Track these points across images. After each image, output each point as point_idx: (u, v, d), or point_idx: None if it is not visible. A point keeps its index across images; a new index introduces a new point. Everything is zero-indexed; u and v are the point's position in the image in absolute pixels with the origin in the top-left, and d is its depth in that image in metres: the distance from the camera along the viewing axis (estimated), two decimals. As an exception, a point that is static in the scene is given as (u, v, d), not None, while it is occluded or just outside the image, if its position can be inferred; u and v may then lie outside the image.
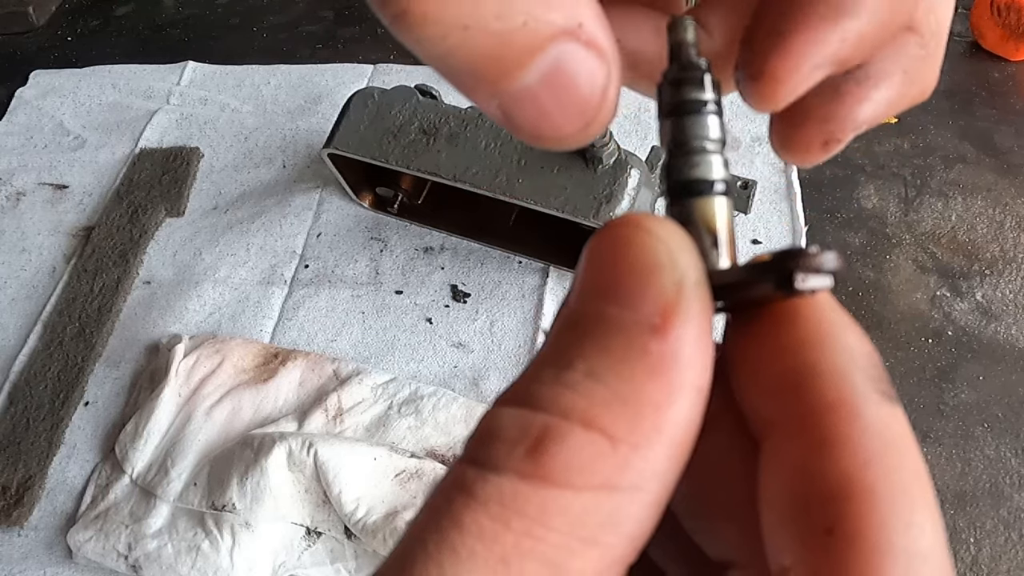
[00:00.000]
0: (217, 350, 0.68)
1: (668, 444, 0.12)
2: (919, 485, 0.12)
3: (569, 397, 0.12)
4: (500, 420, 0.12)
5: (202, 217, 0.81)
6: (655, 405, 0.12)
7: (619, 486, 0.12)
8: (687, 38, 0.16)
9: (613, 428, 0.12)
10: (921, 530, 0.12)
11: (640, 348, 0.12)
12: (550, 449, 0.12)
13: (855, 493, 0.12)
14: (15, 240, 0.81)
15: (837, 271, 0.13)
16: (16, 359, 0.71)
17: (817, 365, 0.13)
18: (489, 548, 0.11)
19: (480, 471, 0.12)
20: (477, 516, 0.11)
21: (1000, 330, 0.68)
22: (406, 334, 0.71)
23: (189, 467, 0.61)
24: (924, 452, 0.61)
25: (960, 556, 0.57)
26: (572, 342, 0.13)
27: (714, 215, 0.15)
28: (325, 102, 0.90)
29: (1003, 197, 0.77)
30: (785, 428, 0.13)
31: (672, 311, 0.13)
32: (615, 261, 0.13)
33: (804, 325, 0.14)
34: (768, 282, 0.13)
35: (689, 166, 0.15)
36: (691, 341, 0.13)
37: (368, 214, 0.80)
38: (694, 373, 0.13)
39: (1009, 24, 0.85)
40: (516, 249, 0.75)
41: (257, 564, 0.56)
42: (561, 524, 0.12)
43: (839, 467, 0.12)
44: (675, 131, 0.16)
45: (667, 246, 0.13)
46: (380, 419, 0.64)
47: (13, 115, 0.93)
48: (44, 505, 0.63)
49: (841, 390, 0.13)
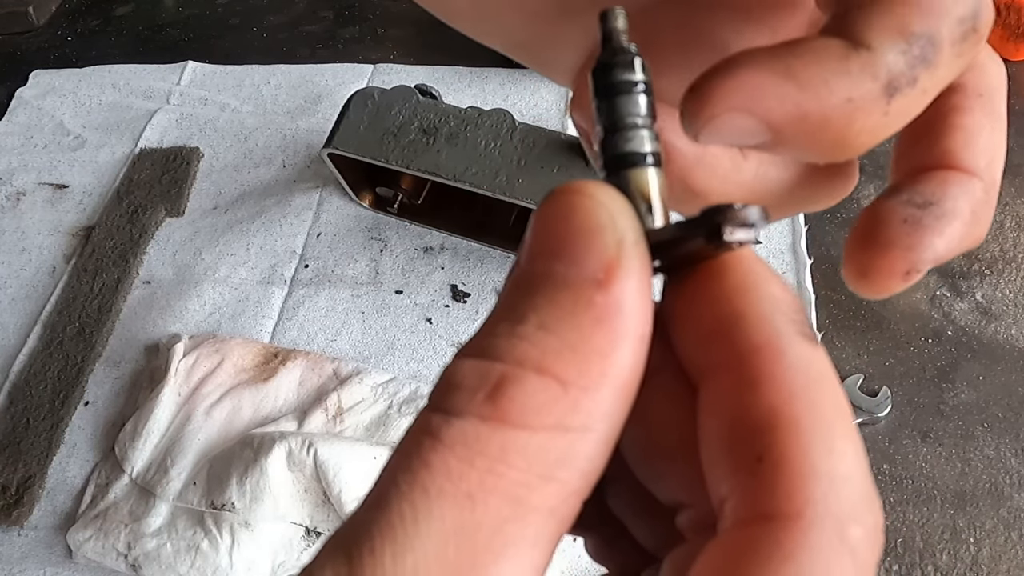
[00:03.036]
0: (217, 349, 0.68)
1: (614, 387, 0.14)
2: (839, 415, 0.13)
3: (523, 347, 0.13)
4: (461, 370, 0.14)
5: (202, 217, 0.81)
6: (601, 352, 0.13)
7: (571, 426, 0.13)
8: (618, 25, 0.17)
9: (564, 373, 0.13)
10: (842, 455, 0.13)
11: (586, 301, 0.14)
12: (508, 393, 0.13)
13: (781, 424, 0.13)
14: (15, 240, 0.81)
15: (760, 223, 0.14)
16: (16, 359, 0.71)
17: (743, 312, 0.14)
18: (456, 485, 0.12)
19: (444, 416, 0.13)
20: (444, 457, 0.13)
21: (1000, 330, 0.68)
22: (406, 334, 0.71)
23: (189, 466, 0.61)
24: (924, 452, 0.62)
25: (960, 556, 0.57)
26: (524, 298, 0.14)
27: (647, 183, 0.16)
28: (325, 102, 0.90)
29: (1003, 197, 0.77)
30: (718, 371, 0.14)
31: (614, 266, 0.14)
32: (561, 223, 0.14)
33: (731, 277, 0.15)
34: (699, 236, 0.14)
35: (623, 140, 0.17)
36: (632, 293, 0.14)
37: (368, 214, 0.80)
38: (635, 322, 0.14)
39: (1009, 24, 0.85)
40: (516, 249, 0.75)
41: (256, 564, 0.56)
42: (520, 462, 0.13)
43: (766, 402, 0.13)
44: (609, 110, 0.17)
45: (608, 209, 0.14)
46: (380, 418, 0.64)
47: (13, 115, 0.93)
48: (44, 505, 0.63)
49: (766, 333, 0.14)
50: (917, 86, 0.15)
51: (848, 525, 0.12)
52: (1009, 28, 0.85)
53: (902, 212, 0.17)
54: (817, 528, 0.12)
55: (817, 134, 0.15)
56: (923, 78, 0.15)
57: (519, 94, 0.88)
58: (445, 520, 0.12)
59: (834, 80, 0.15)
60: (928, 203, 0.17)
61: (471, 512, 0.12)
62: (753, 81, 0.15)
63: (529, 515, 0.13)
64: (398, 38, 0.98)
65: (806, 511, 0.12)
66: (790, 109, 0.15)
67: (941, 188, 0.17)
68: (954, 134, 0.17)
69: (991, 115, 0.18)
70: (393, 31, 0.99)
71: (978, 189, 0.17)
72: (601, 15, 0.17)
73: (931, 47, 0.15)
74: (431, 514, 0.12)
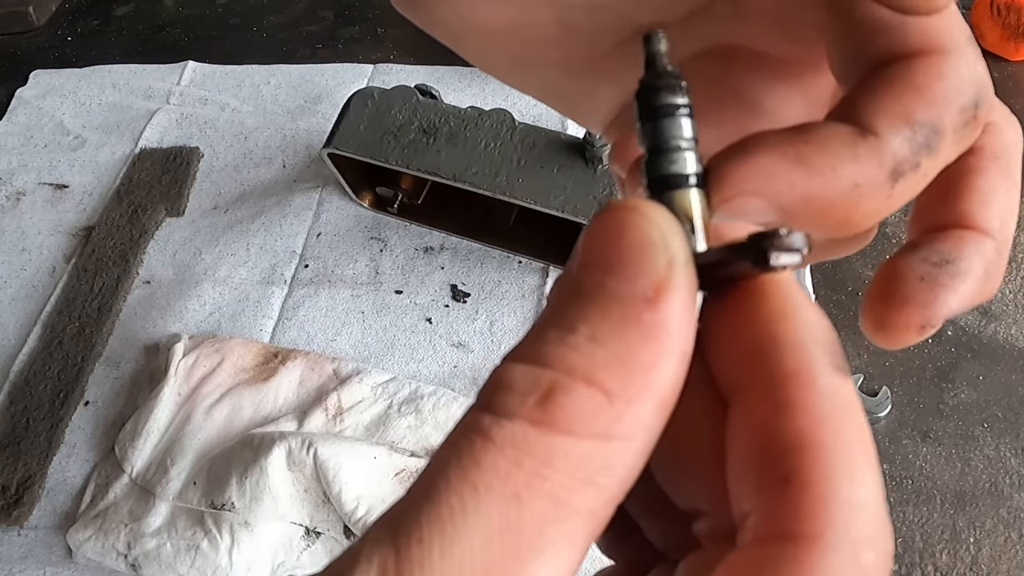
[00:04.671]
0: (217, 349, 0.68)
1: (655, 400, 0.14)
2: (862, 445, 0.14)
3: (573, 357, 0.14)
4: (512, 374, 0.14)
5: (202, 217, 0.81)
6: (646, 366, 0.14)
7: (614, 435, 0.14)
8: (661, 48, 0.18)
9: (610, 385, 0.14)
10: (863, 483, 0.14)
11: (635, 316, 0.14)
12: (557, 400, 0.14)
13: (808, 449, 0.14)
14: (15, 240, 0.81)
15: (804, 249, 0.15)
16: (16, 359, 0.71)
17: (780, 337, 0.15)
18: (504, 484, 0.13)
19: (495, 417, 0.14)
20: (494, 456, 0.13)
21: (1000, 330, 0.68)
22: (406, 334, 0.71)
23: (188, 466, 0.61)
24: (924, 452, 0.62)
25: (960, 556, 0.57)
26: (575, 307, 0.15)
27: (690, 204, 0.17)
28: (325, 102, 0.90)
29: (1003, 197, 0.77)
30: (751, 391, 0.15)
31: (663, 285, 0.14)
32: (615, 238, 0.15)
33: (770, 302, 0.16)
34: (745, 260, 0.15)
35: (667, 162, 0.17)
36: (678, 312, 0.14)
37: (368, 214, 0.80)
38: (679, 340, 0.15)
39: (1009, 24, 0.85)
40: (516, 249, 0.75)
41: (256, 563, 0.56)
42: (565, 466, 0.13)
43: (795, 426, 0.14)
44: (652, 132, 0.17)
45: (660, 228, 0.15)
46: (380, 418, 0.64)
47: (13, 115, 0.93)
48: (44, 504, 0.63)
49: (800, 360, 0.15)
50: (920, 171, 0.17)
51: (863, 550, 0.13)
52: (1009, 28, 0.85)
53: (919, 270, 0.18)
54: (834, 551, 0.13)
55: (824, 216, 0.17)
56: (925, 163, 0.17)
57: (519, 94, 0.88)
58: (492, 516, 0.13)
59: (842, 166, 0.16)
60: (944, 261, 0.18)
61: (517, 511, 0.13)
62: (766, 166, 0.16)
63: (570, 517, 0.13)
64: (398, 38, 0.98)
65: (826, 534, 0.13)
66: (799, 194, 0.16)
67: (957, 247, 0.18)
68: (970, 195, 0.18)
69: (1006, 176, 0.19)
70: (393, 31, 0.99)
71: (991, 249, 0.18)
72: (645, 38, 0.18)
73: (934, 135, 0.16)
74: (479, 510, 0.13)
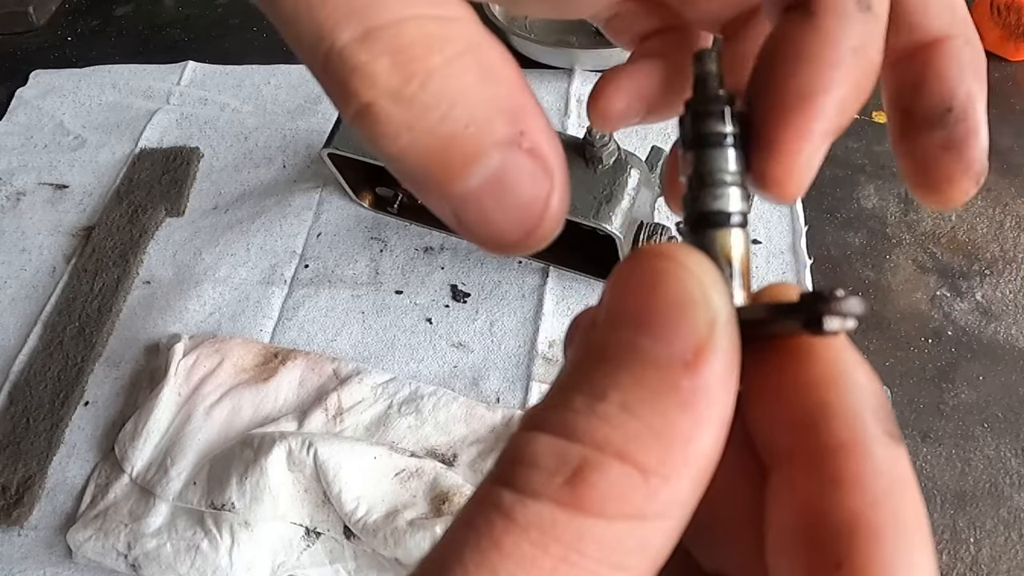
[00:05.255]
0: (217, 349, 0.68)
1: (694, 475, 0.13)
2: (920, 526, 0.13)
3: (605, 430, 0.13)
4: (537, 446, 0.13)
5: (202, 217, 0.81)
6: (684, 439, 0.13)
7: (648, 515, 0.13)
8: (711, 70, 0.16)
9: (646, 461, 0.13)
10: (921, 570, 0.13)
11: (672, 383, 0.13)
12: (589, 479, 0.12)
13: (863, 531, 0.13)
14: (15, 240, 0.81)
15: (861, 315, 0.14)
16: (16, 359, 0.71)
17: (831, 404, 0.14)
18: (528, 572, 0.12)
19: (518, 496, 0.12)
20: (518, 540, 0.12)
21: (1000, 330, 0.68)
22: (406, 334, 0.71)
23: (188, 466, 0.61)
24: (924, 452, 0.62)
25: (960, 556, 0.57)
26: (604, 371, 0.13)
27: (732, 246, 0.16)
28: (325, 102, 0.90)
29: (1003, 197, 0.77)
30: (796, 460, 0.14)
31: (705, 348, 0.13)
32: (649, 293, 0.14)
33: (820, 363, 0.14)
34: (796, 322, 0.14)
35: (711, 198, 0.16)
36: (720, 377, 0.13)
37: (368, 214, 0.80)
38: (721, 408, 0.13)
39: (1009, 24, 0.85)
40: (516, 249, 0.75)
41: (256, 564, 0.56)
42: (595, 551, 0.12)
43: (849, 505, 0.13)
44: (697, 163, 0.16)
45: (700, 282, 0.14)
46: (380, 418, 0.64)
47: (13, 115, 0.93)
48: (44, 505, 0.63)
49: (853, 430, 0.13)
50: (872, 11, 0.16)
51: None
52: (1009, 28, 0.85)
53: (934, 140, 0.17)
54: None
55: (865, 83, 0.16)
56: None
57: (519, 94, 0.88)
58: None
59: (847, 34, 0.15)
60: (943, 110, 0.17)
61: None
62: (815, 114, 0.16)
63: None
64: (398, 38, 0.98)
65: None
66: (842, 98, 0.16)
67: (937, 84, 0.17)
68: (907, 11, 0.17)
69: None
70: (393, 31, 0.99)
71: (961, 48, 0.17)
72: (695, 56, 0.17)
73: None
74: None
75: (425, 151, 0.14)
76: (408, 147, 0.14)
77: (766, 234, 0.75)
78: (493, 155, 0.14)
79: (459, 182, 0.14)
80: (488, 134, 0.14)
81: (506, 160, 0.14)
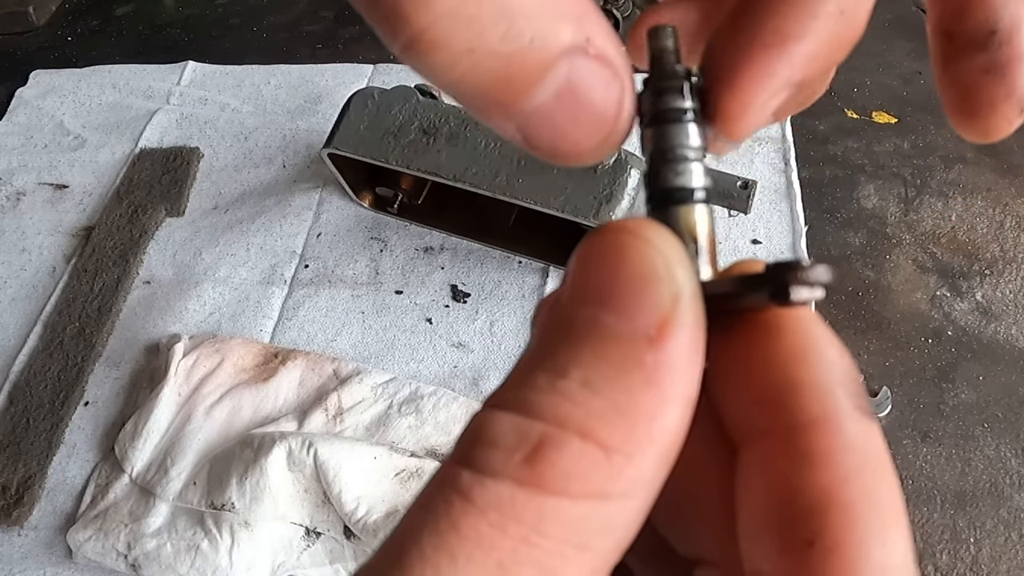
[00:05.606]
0: (217, 349, 0.68)
1: (658, 453, 0.13)
2: (894, 502, 0.13)
3: (566, 406, 0.12)
4: (496, 424, 0.13)
5: (202, 217, 0.81)
6: (648, 416, 0.12)
7: (611, 494, 0.12)
8: (668, 46, 0.16)
9: (608, 439, 0.12)
10: (895, 546, 0.12)
11: (636, 359, 0.13)
12: (548, 458, 0.12)
13: (836, 508, 0.12)
14: (15, 240, 0.81)
15: (828, 283, 0.13)
16: (16, 359, 0.71)
17: (801, 380, 0.13)
18: (487, 554, 0.11)
19: (477, 475, 0.12)
20: (476, 522, 0.12)
21: (1000, 330, 0.68)
22: (406, 334, 0.71)
23: (189, 466, 0.61)
24: (924, 452, 0.62)
25: (960, 556, 0.57)
26: (566, 347, 0.13)
27: (696, 221, 0.15)
28: (325, 102, 0.90)
29: (1003, 197, 0.77)
30: (766, 438, 0.13)
31: (669, 322, 0.13)
32: (612, 268, 0.13)
33: (789, 339, 0.14)
34: (762, 293, 0.14)
35: (673, 174, 0.16)
36: (685, 352, 0.13)
37: (368, 214, 0.80)
38: (686, 384, 0.13)
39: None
40: (516, 249, 0.75)
41: (256, 564, 0.56)
42: (556, 531, 0.12)
43: (821, 481, 0.13)
44: (658, 139, 0.16)
45: (664, 256, 0.13)
46: (380, 418, 0.64)
47: (13, 115, 0.93)
48: (44, 505, 0.63)
49: (824, 406, 0.13)
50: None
51: None
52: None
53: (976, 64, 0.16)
54: None
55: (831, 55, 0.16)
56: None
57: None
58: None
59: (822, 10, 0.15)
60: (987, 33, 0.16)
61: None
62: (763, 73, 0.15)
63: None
64: (398, 38, 0.98)
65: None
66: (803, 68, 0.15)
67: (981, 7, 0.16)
68: None
69: None
70: (393, 31, 0.99)
71: None
72: (650, 33, 0.16)
73: None
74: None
75: (488, 73, 0.13)
76: (469, 72, 0.13)
77: (766, 234, 0.75)
78: (561, 66, 0.13)
79: (526, 99, 0.13)
80: (554, 45, 0.13)
81: (576, 69, 0.13)
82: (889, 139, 0.82)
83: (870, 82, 0.87)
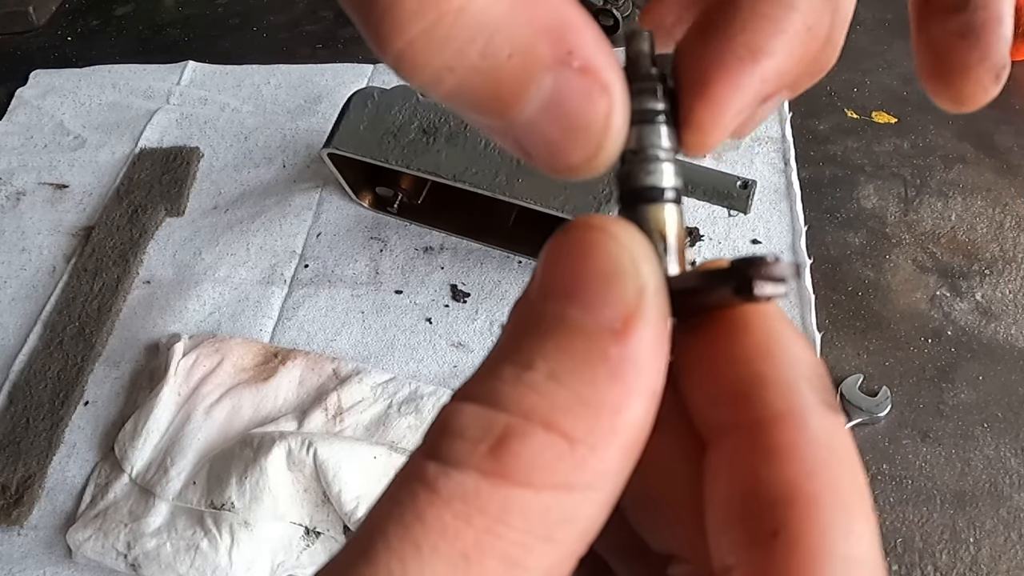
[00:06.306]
0: (217, 349, 0.68)
1: (623, 445, 0.13)
2: (858, 495, 0.13)
3: (531, 398, 0.13)
4: (462, 416, 0.13)
5: (202, 217, 0.81)
6: (613, 408, 0.13)
7: (576, 486, 0.12)
8: (643, 49, 0.17)
9: (572, 430, 0.12)
10: (859, 537, 0.12)
11: (600, 352, 0.13)
12: (512, 448, 0.12)
13: (800, 500, 0.12)
14: (15, 240, 0.81)
15: (791, 279, 0.14)
16: (16, 359, 0.71)
17: (766, 376, 0.14)
18: (451, 544, 0.12)
19: (442, 466, 0.12)
20: (440, 512, 0.12)
21: (1000, 330, 0.68)
22: (406, 334, 0.71)
23: (188, 466, 0.61)
24: (924, 452, 0.62)
25: (960, 556, 0.57)
26: (532, 341, 0.13)
27: (665, 221, 0.16)
28: (325, 102, 0.90)
29: (1003, 197, 0.77)
30: (732, 433, 0.14)
31: (633, 317, 0.13)
32: (579, 263, 0.13)
33: (754, 335, 0.14)
34: (727, 288, 0.14)
35: (644, 173, 0.16)
36: (649, 346, 0.13)
37: (368, 214, 0.80)
38: (650, 377, 0.13)
39: (1009, 24, 0.85)
40: (516, 249, 0.75)
41: (256, 563, 0.56)
42: (520, 522, 0.12)
43: (785, 475, 0.13)
44: (630, 139, 0.16)
45: (630, 252, 0.13)
46: (380, 418, 0.64)
47: (13, 115, 0.93)
48: (44, 504, 0.63)
49: (789, 401, 0.13)
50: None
51: None
52: (1009, 28, 0.85)
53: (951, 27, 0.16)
54: None
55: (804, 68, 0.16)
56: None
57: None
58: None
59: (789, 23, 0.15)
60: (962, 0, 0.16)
61: (464, 574, 0.12)
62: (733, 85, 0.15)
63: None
64: (398, 38, 0.98)
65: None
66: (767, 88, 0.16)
67: None
68: None
69: None
70: (393, 31, 0.99)
71: None
72: (627, 36, 0.17)
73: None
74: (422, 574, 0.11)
75: (473, 89, 0.13)
76: (455, 87, 0.13)
77: (766, 234, 0.75)
78: (544, 80, 0.13)
79: (515, 112, 0.14)
80: (533, 60, 0.13)
81: (558, 82, 0.13)
82: (889, 139, 0.82)
83: (870, 82, 0.87)
